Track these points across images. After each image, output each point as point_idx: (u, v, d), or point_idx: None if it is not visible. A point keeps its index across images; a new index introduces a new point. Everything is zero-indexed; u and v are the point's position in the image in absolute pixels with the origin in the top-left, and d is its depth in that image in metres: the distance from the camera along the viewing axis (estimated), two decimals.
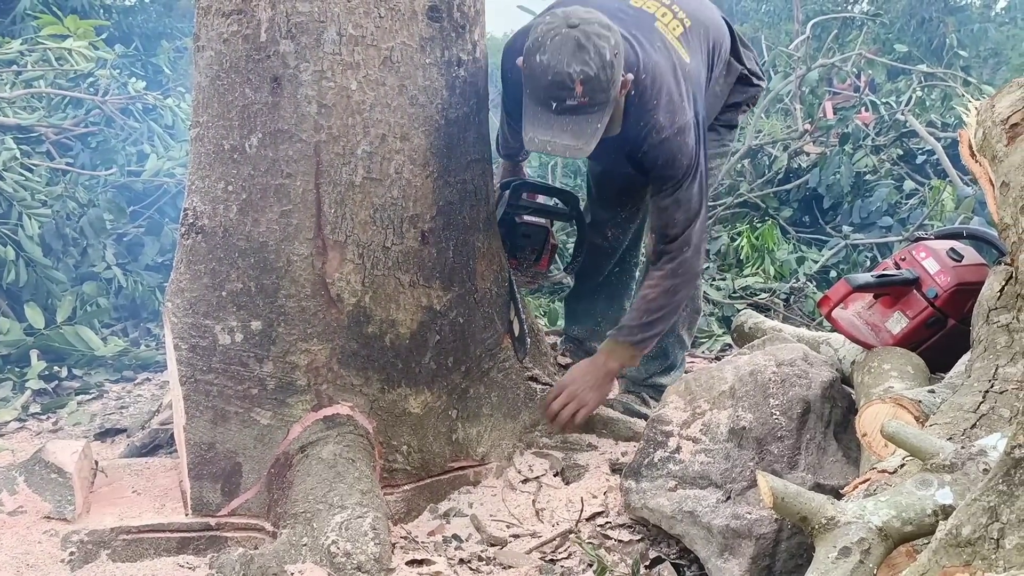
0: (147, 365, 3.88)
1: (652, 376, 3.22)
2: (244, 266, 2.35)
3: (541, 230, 3.06)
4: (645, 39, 2.56)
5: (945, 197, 5.05)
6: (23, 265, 3.92)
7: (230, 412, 2.36)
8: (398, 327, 2.44)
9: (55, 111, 5.20)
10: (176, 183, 4.72)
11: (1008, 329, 1.93)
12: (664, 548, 2.34)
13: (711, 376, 2.45)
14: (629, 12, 2.63)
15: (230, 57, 2.31)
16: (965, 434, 1.73)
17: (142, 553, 2.27)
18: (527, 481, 2.63)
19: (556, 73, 2.26)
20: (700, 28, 2.76)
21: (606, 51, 2.28)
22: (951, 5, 15.54)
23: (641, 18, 2.63)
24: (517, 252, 3.00)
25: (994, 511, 1.24)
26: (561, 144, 2.33)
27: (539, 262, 3.06)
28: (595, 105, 2.32)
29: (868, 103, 6.36)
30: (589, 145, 2.35)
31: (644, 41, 2.55)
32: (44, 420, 3.34)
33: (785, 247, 5.29)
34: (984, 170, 1.99)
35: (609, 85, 2.32)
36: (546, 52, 2.28)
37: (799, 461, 2.27)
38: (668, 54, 2.59)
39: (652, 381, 3.23)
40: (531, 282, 3.19)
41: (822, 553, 1.44)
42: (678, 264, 2.67)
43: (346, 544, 2.10)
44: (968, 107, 2.20)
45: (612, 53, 2.30)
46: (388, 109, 2.34)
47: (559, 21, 2.30)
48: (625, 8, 2.65)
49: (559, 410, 2.69)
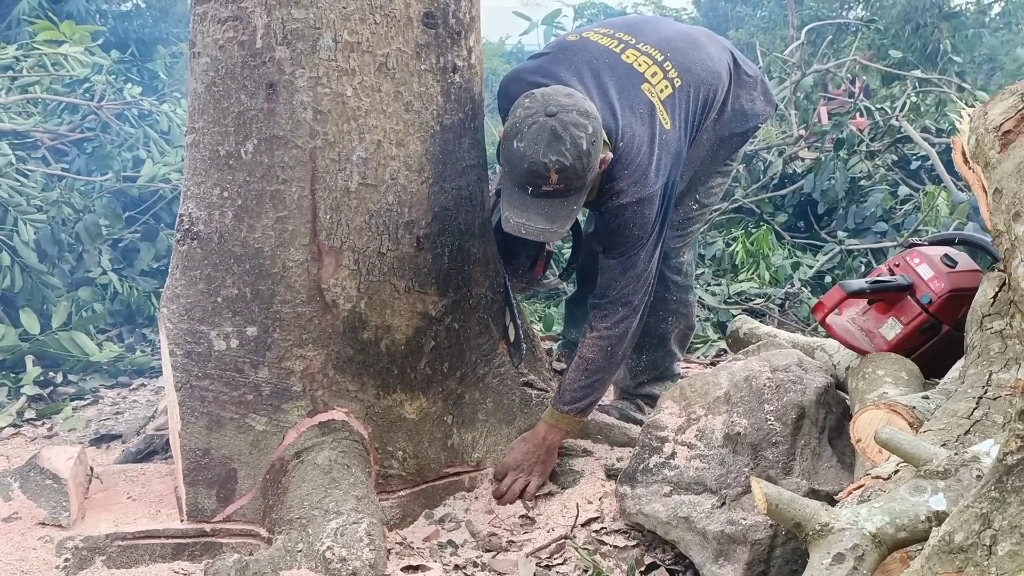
0: (142, 371, 3.87)
1: (643, 385, 3.22)
2: (239, 272, 2.35)
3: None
4: (628, 104, 2.56)
5: (939, 203, 5.05)
6: (18, 270, 3.92)
7: (225, 418, 2.36)
8: (394, 333, 2.45)
9: (51, 116, 5.20)
10: (172, 189, 4.71)
11: (1002, 335, 1.94)
12: (659, 554, 2.34)
13: (706, 382, 2.46)
14: (619, 70, 2.62)
15: (226, 63, 2.31)
16: (959, 440, 1.73)
17: (137, 559, 2.28)
18: None
19: (532, 162, 2.30)
20: (690, 87, 2.71)
21: (582, 141, 2.30)
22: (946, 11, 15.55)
23: (630, 78, 2.62)
24: (512, 258, 2.99)
25: (987, 518, 1.24)
26: (536, 228, 2.38)
27: (534, 268, 3.05)
28: (570, 191, 2.37)
29: (863, 108, 6.35)
30: (563, 227, 2.42)
31: (626, 107, 2.56)
32: (39, 426, 3.34)
33: (780, 252, 5.29)
34: (977, 177, 1.99)
35: (584, 172, 2.35)
36: (523, 140, 2.31)
37: (794, 467, 2.27)
38: (650, 122, 2.58)
39: (645, 391, 3.22)
40: (526, 288, 3.18)
41: (816, 559, 1.44)
42: (613, 324, 2.62)
43: (341, 550, 2.10)
44: (961, 114, 2.21)
45: (589, 142, 2.32)
46: (383, 115, 2.34)
47: (538, 107, 2.32)
48: (616, 64, 2.64)
49: (506, 491, 2.61)
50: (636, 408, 3.16)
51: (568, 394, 2.62)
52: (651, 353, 3.18)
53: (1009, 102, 1.91)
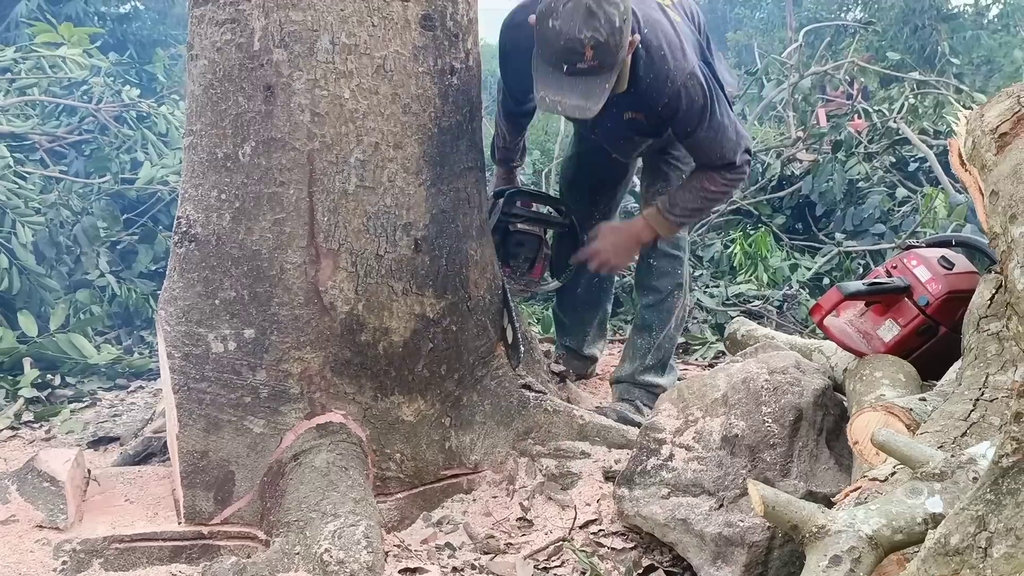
0: (140, 373, 3.87)
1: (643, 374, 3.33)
2: (237, 274, 2.35)
3: (535, 238, 3.12)
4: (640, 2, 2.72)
5: (937, 204, 5.07)
6: (16, 273, 3.92)
7: (223, 420, 2.36)
8: (391, 335, 2.45)
9: (49, 119, 5.21)
10: (170, 191, 4.72)
11: (998, 337, 1.94)
12: (657, 556, 2.34)
13: (704, 384, 2.46)
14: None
15: (223, 66, 2.31)
16: (955, 442, 1.73)
17: (135, 562, 2.27)
18: (520, 489, 2.63)
19: (568, 39, 2.42)
20: (686, 8, 3.00)
21: (615, 17, 2.44)
22: (944, 13, 15.60)
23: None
24: (511, 260, 3.04)
25: (982, 520, 1.24)
26: (571, 104, 2.51)
27: (532, 270, 3.12)
28: (604, 68, 2.49)
29: (861, 110, 6.37)
30: (597, 105, 2.52)
31: (640, 3, 2.71)
32: (37, 428, 3.33)
33: (778, 254, 5.30)
34: (974, 179, 2.00)
35: (617, 49, 2.48)
36: (559, 18, 2.44)
37: (791, 469, 2.27)
38: (664, 14, 2.80)
39: (643, 380, 3.32)
40: (524, 290, 3.22)
41: (813, 562, 1.44)
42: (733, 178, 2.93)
43: (339, 552, 2.10)
44: (958, 116, 2.21)
45: (621, 19, 2.45)
46: (381, 117, 2.34)
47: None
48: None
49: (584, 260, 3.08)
50: (635, 409, 3.19)
51: (679, 208, 2.97)
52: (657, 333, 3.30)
53: (1005, 104, 1.91)
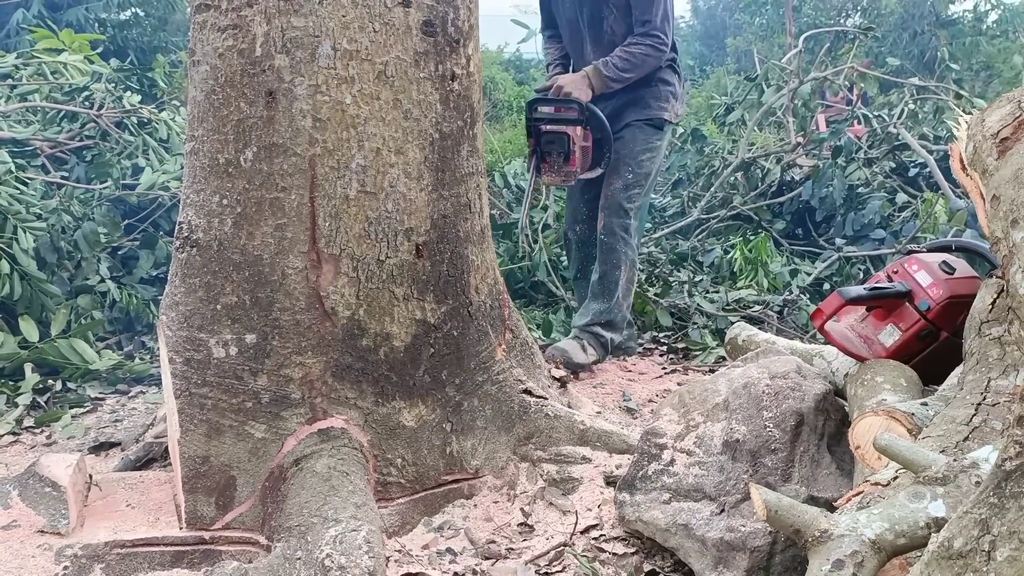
0: (142, 378, 3.87)
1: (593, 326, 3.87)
2: (239, 279, 2.35)
3: (562, 136, 3.64)
4: None
5: (937, 209, 5.08)
6: (17, 278, 3.91)
7: (224, 425, 2.36)
8: (392, 340, 2.45)
9: (50, 125, 5.21)
10: (171, 196, 4.72)
11: (1000, 342, 1.94)
12: (658, 561, 2.34)
13: (705, 388, 2.46)
14: None
15: (225, 71, 2.32)
16: (958, 446, 1.73)
17: (136, 567, 2.27)
18: (521, 494, 2.63)
19: None
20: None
21: None
22: (943, 19, 15.62)
23: None
24: (547, 156, 3.65)
25: (985, 523, 1.24)
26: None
27: (569, 162, 3.65)
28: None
29: (861, 116, 6.38)
30: None
31: None
32: (38, 433, 3.33)
33: (778, 259, 5.31)
34: (975, 184, 2.00)
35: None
36: None
37: (793, 473, 2.27)
38: None
39: (594, 330, 3.86)
40: (565, 180, 3.76)
41: (815, 566, 1.44)
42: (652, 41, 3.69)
43: (340, 558, 2.10)
44: (959, 121, 2.22)
45: None
46: (382, 123, 2.35)
47: None
48: None
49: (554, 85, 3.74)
50: (580, 348, 3.78)
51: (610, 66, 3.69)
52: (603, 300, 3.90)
53: (1006, 109, 1.92)
